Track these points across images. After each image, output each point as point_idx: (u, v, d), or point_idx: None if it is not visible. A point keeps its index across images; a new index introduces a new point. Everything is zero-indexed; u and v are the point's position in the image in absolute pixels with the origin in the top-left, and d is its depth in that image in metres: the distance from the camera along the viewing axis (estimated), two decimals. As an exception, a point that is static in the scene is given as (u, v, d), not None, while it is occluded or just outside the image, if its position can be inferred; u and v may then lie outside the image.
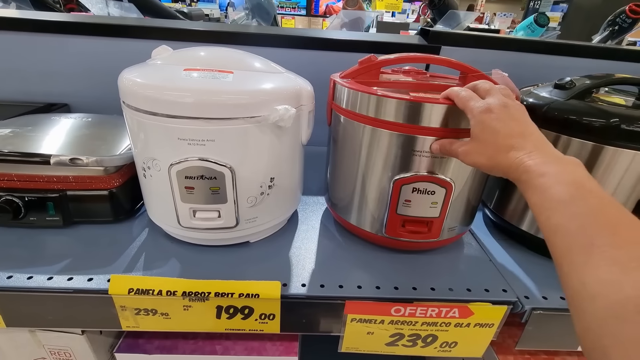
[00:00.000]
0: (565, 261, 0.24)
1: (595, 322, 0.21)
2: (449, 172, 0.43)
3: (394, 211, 0.45)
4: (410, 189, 0.43)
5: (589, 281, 0.21)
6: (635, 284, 0.20)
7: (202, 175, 0.42)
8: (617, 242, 0.22)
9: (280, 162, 0.47)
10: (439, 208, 0.45)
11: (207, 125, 0.39)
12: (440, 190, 0.43)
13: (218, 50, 0.47)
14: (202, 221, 0.45)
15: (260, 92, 0.41)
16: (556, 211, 0.25)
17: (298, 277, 0.46)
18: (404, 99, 0.40)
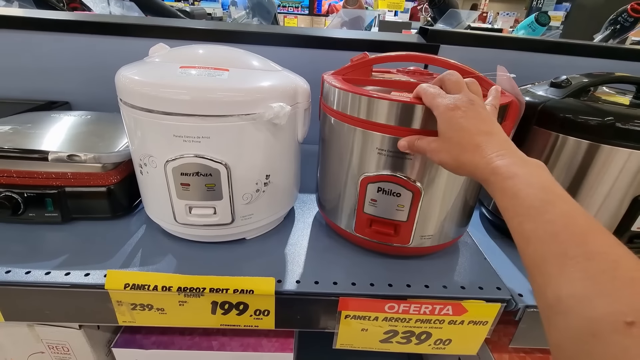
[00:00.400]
0: (538, 272, 0.23)
1: (569, 340, 0.20)
2: (417, 174, 0.42)
3: (361, 210, 0.46)
4: (376, 188, 0.43)
5: (563, 295, 0.21)
6: (608, 299, 0.19)
7: (197, 172, 0.42)
8: (589, 253, 0.21)
9: (276, 159, 0.48)
10: (406, 212, 0.44)
11: (202, 123, 0.40)
12: (407, 193, 0.42)
13: (214, 48, 0.48)
14: (198, 217, 0.46)
15: (255, 89, 0.42)
16: (528, 217, 0.24)
17: (293, 273, 0.46)
18: (368, 95, 0.40)
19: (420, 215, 0.44)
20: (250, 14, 1.17)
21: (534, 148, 0.51)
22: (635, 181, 0.45)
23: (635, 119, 0.44)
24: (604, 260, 0.20)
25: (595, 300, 0.19)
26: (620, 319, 0.18)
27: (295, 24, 5.30)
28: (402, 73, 0.55)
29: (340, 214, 0.50)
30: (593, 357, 0.19)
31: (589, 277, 0.20)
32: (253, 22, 1.19)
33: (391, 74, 0.54)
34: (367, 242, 0.49)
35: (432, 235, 0.47)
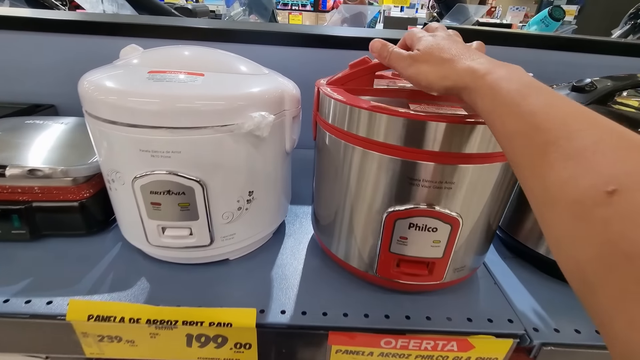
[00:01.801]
0: (525, 165, 0.22)
1: (562, 230, 0.19)
2: (455, 204, 0.35)
3: (386, 249, 0.38)
4: (407, 224, 0.36)
5: (549, 184, 0.20)
6: (590, 173, 0.17)
7: (168, 190, 0.38)
8: (570, 133, 0.20)
9: (260, 173, 0.43)
10: (442, 248, 0.37)
11: (171, 136, 0.35)
12: (444, 227, 0.35)
13: (191, 49, 0.43)
14: (172, 239, 0.41)
15: (232, 97, 0.37)
16: (510, 114, 0.23)
17: (278, 301, 0.42)
18: (397, 114, 0.32)
19: (456, 248, 0.38)
20: (247, 11, 1.12)
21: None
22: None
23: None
24: (586, 137, 0.19)
25: (578, 179, 0.18)
26: (601, 190, 0.16)
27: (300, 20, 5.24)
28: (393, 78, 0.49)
29: (352, 252, 0.42)
30: (579, 241, 0.17)
31: (571, 158, 0.19)
32: (250, 20, 1.14)
33: (394, 79, 0.48)
34: (388, 282, 0.42)
35: (463, 267, 0.41)
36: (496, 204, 0.38)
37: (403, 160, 0.33)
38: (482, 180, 0.35)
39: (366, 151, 0.35)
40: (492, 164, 0.34)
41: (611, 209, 0.16)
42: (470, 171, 0.33)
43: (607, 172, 0.17)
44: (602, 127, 0.19)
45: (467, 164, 0.33)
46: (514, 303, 0.43)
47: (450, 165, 0.33)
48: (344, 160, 0.38)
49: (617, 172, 0.17)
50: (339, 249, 0.44)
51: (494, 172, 0.35)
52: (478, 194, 0.35)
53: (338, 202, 0.41)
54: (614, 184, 0.16)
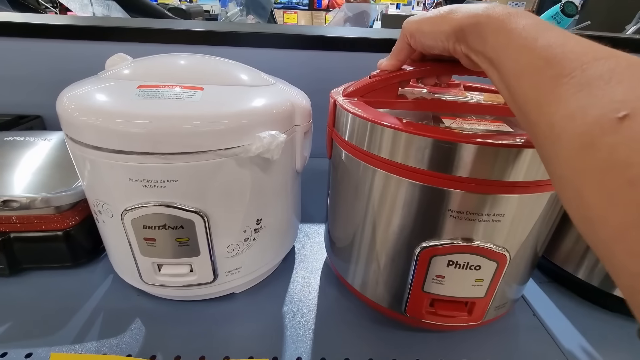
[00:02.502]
0: (532, 105, 0.20)
1: (566, 164, 0.17)
2: (501, 237, 0.30)
3: (419, 288, 0.33)
4: (445, 261, 0.31)
5: (556, 120, 0.18)
6: (601, 101, 0.16)
7: (164, 224, 0.32)
8: (585, 63, 0.18)
9: (269, 199, 0.38)
10: (485, 286, 0.32)
11: (165, 163, 0.30)
12: (489, 264, 0.30)
13: (187, 57, 0.37)
14: (170, 277, 0.36)
15: (236, 115, 0.31)
16: (525, 49, 0.21)
17: (293, 345, 0.36)
18: (431, 136, 0.27)
19: (500, 286, 0.33)
20: (245, 11, 1.06)
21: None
22: None
23: None
24: (601, 65, 0.17)
25: (588, 109, 0.16)
26: (612, 117, 0.15)
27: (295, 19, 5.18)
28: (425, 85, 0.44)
29: (373, 285, 0.37)
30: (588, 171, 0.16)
31: (583, 88, 0.17)
32: (248, 21, 1.08)
33: (420, 87, 0.43)
34: (421, 322, 0.37)
35: (505, 304, 0.36)
36: (544, 234, 0.33)
37: (439, 189, 0.28)
38: (531, 210, 0.29)
39: (391, 175, 0.30)
40: (544, 194, 0.29)
41: (619, 135, 0.15)
42: (519, 201, 0.28)
43: (620, 99, 0.15)
44: (620, 56, 0.17)
45: (516, 194, 0.28)
46: (558, 340, 0.38)
47: (498, 195, 0.28)
48: (364, 183, 0.33)
49: (629, 97, 0.15)
50: (355, 279, 0.39)
51: (543, 201, 0.29)
52: (526, 225, 0.30)
53: (356, 229, 0.36)
54: (626, 108, 0.15)
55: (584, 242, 0.43)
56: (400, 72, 0.35)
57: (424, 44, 0.31)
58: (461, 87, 0.44)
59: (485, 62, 0.25)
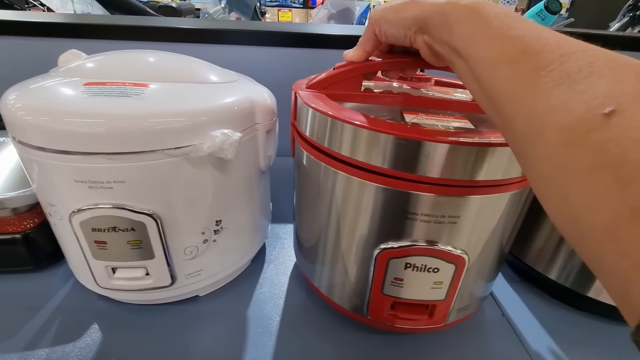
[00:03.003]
0: (508, 97, 0.19)
1: (548, 162, 0.16)
2: (458, 239, 0.29)
3: (379, 291, 0.32)
4: (403, 264, 0.30)
5: (536, 114, 0.17)
6: (584, 96, 0.15)
7: (114, 226, 0.31)
8: (564, 55, 0.17)
9: (229, 200, 0.37)
10: (445, 289, 0.31)
11: (110, 163, 0.28)
12: (448, 267, 0.30)
13: (142, 53, 0.36)
14: (125, 281, 0.35)
15: (186, 113, 0.30)
16: (498, 38, 0.20)
17: (254, 352, 0.35)
18: (391, 133, 0.25)
19: (461, 288, 0.32)
20: (227, 9, 1.05)
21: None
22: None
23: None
24: (579, 58, 0.17)
25: (571, 104, 0.16)
26: (598, 112, 0.14)
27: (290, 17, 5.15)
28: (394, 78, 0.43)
29: (337, 289, 0.36)
30: (573, 168, 0.15)
31: (564, 82, 0.16)
32: (230, 18, 1.07)
33: (386, 80, 0.42)
34: (382, 325, 0.36)
35: (469, 306, 0.35)
36: (506, 235, 0.32)
37: (395, 190, 0.27)
38: (488, 212, 0.29)
39: (347, 176, 0.29)
40: (505, 194, 0.28)
41: (608, 131, 0.14)
42: (479, 202, 0.27)
43: (604, 93, 0.15)
44: (596, 50, 0.17)
45: (476, 195, 0.27)
46: (526, 340, 0.38)
47: (456, 196, 0.27)
48: (324, 183, 0.32)
49: (615, 92, 0.15)
50: (321, 281, 0.38)
51: (500, 202, 0.29)
52: (484, 227, 0.29)
53: (320, 231, 0.35)
54: (612, 104, 0.14)
55: (554, 241, 0.43)
56: (365, 63, 0.34)
57: (387, 33, 0.29)
58: (432, 82, 0.43)
59: (452, 53, 0.24)
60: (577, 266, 0.41)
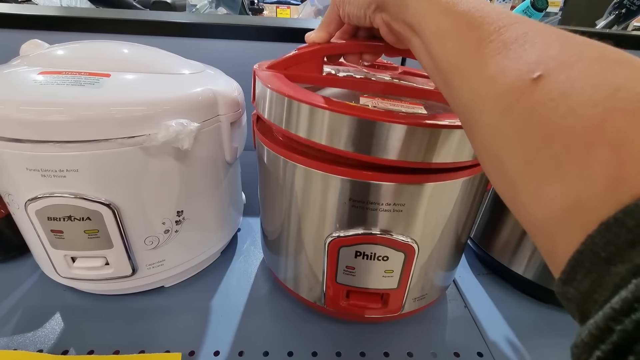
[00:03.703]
0: (454, 69, 0.20)
1: (486, 131, 0.17)
2: (405, 228, 0.29)
3: (333, 280, 0.32)
4: (353, 252, 0.30)
5: (477, 84, 0.18)
6: (517, 63, 0.16)
7: (69, 215, 0.31)
8: (502, 27, 0.18)
9: (191, 190, 0.37)
10: (396, 278, 0.31)
11: (60, 151, 0.28)
12: (397, 255, 0.30)
13: (104, 44, 0.36)
14: (85, 270, 0.35)
15: (139, 102, 0.30)
16: (446, 13, 0.21)
17: (213, 339, 0.36)
18: (332, 110, 0.25)
19: (415, 277, 0.32)
20: (214, 3, 1.04)
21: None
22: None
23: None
24: (516, 29, 0.17)
25: (505, 71, 0.16)
26: (527, 78, 0.15)
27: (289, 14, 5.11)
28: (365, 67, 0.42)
29: (297, 279, 0.37)
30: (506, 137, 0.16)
31: (501, 51, 0.17)
32: (217, 13, 1.06)
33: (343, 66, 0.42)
34: (340, 313, 0.37)
35: (425, 295, 0.36)
36: (459, 223, 0.32)
37: (341, 178, 0.27)
38: (442, 199, 0.29)
39: (295, 164, 0.29)
40: (453, 181, 0.28)
41: (535, 95, 0.14)
42: (423, 190, 0.27)
43: (534, 60, 0.15)
44: (531, 22, 0.18)
45: (419, 183, 0.27)
46: (485, 332, 0.38)
47: (400, 184, 0.27)
48: (277, 173, 0.32)
49: (542, 59, 0.15)
50: (285, 275, 0.38)
51: (446, 190, 0.29)
52: (434, 215, 0.29)
53: (279, 222, 0.35)
54: (540, 70, 0.15)
55: (518, 235, 0.43)
56: (326, 45, 0.33)
57: (349, 14, 0.30)
58: (399, 70, 0.43)
59: (407, 29, 0.25)
60: (540, 259, 0.42)
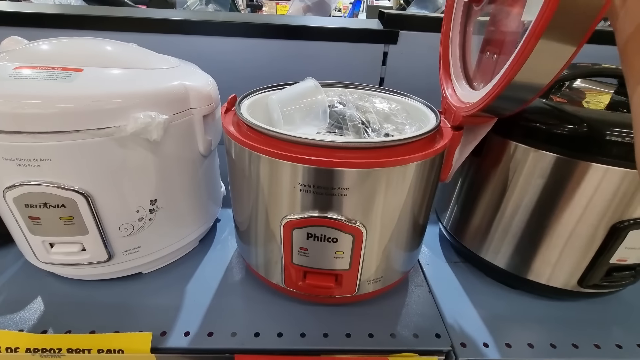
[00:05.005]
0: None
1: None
2: (351, 211, 0.31)
3: (289, 260, 0.35)
4: (304, 234, 0.32)
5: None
6: None
7: (45, 203, 0.33)
8: None
9: (164, 180, 0.38)
10: (347, 259, 0.33)
11: (35, 141, 0.30)
12: (345, 237, 0.32)
13: (80, 41, 0.38)
14: (63, 256, 0.37)
15: (109, 95, 0.32)
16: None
17: (185, 321, 0.38)
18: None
19: (366, 259, 0.34)
20: (204, 0, 1.06)
21: (491, 161, 0.41)
22: (614, 205, 0.36)
23: (611, 127, 0.34)
24: None
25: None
26: None
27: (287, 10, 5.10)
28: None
29: (261, 262, 0.39)
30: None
31: None
32: (208, 10, 1.08)
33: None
34: (303, 295, 0.39)
35: (380, 278, 0.38)
36: (413, 209, 0.34)
37: (290, 164, 0.29)
38: (384, 185, 0.31)
39: (249, 150, 0.32)
40: (393, 168, 0.30)
41: None
42: (365, 176, 0.29)
43: None
44: None
45: (361, 168, 0.29)
46: (445, 315, 0.40)
47: (339, 169, 0.29)
48: (241, 161, 0.34)
49: None
50: (255, 261, 0.40)
51: (397, 176, 0.31)
52: (382, 200, 0.31)
53: (245, 208, 0.37)
54: None
55: (487, 224, 0.44)
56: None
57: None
58: None
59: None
60: (508, 247, 0.43)
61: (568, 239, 0.39)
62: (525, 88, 0.28)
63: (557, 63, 0.25)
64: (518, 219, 0.41)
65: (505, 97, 0.29)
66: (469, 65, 0.43)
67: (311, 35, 0.72)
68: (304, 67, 0.74)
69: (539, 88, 0.28)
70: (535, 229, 0.40)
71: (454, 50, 0.45)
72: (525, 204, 0.40)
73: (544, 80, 0.27)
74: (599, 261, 0.39)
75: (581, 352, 0.37)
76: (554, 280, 0.41)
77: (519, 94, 0.29)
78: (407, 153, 0.30)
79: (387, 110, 0.39)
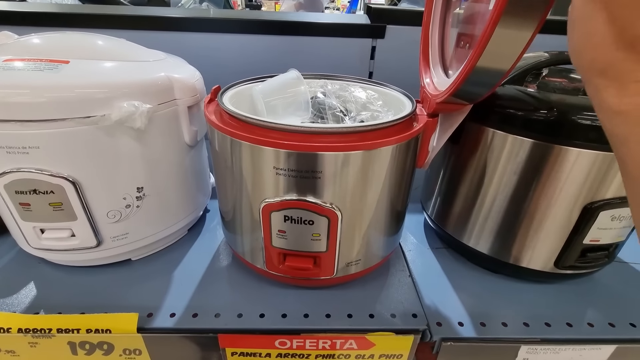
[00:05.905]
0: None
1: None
2: (326, 194, 0.32)
3: (269, 243, 0.36)
4: (282, 217, 0.33)
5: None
6: None
7: (34, 189, 0.35)
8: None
9: (150, 168, 0.40)
10: (324, 241, 0.35)
11: (23, 130, 0.32)
12: (321, 219, 0.33)
13: (64, 35, 0.39)
14: (53, 241, 0.38)
15: (93, 85, 0.33)
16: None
17: (171, 303, 0.39)
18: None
19: (343, 242, 0.36)
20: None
21: (470, 148, 0.43)
22: (586, 186, 0.37)
23: (583, 110, 0.36)
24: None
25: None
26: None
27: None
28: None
29: (244, 247, 0.40)
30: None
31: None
32: (202, 8, 1.09)
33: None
34: (284, 278, 0.40)
35: (359, 261, 0.39)
36: (389, 192, 0.35)
37: (266, 149, 0.31)
38: (357, 168, 0.32)
39: (226, 136, 0.33)
40: (365, 152, 0.31)
41: None
42: (337, 160, 0.31)
43: None
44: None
45: (330, 152, 0.30)
46: (423, 297, 0.41)
47: (312, 152, 0.30)
48: (222, 148, 0.36)
49: None
50: (241, 248, 0.41)
51: (370, 159, 0.32)
52: (356, 183, 0.33)
53: (230, 196, 0.38)
54: None
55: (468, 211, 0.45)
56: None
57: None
58: None
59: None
60: (489, 232, 0.44)
61: (544, 222, 0.40)
62: (489, 73, 0.29)
63: (516, 48, 0.27)
64: (497, 204, 0.42)
65: (471, 82, 0.30)
66: (446, 56, 0.44)
67: (300, 30, 0.73)
68: (294, 62, 0.75)
69: (502, 72, 0.29)
70: (514, 213, 0.41)
71: (434, 41, 0.46)
72: (502, 189, 0.41)
73: (505, 65, 0.28)
74: (573, 242, 0.40)
75: (553, 330, 0.38)
76: (533, 263, 0.43)
77: (483, 78, 0.30)
78: (379, 137, 0.32)
79: (365, 99, 0.40)
